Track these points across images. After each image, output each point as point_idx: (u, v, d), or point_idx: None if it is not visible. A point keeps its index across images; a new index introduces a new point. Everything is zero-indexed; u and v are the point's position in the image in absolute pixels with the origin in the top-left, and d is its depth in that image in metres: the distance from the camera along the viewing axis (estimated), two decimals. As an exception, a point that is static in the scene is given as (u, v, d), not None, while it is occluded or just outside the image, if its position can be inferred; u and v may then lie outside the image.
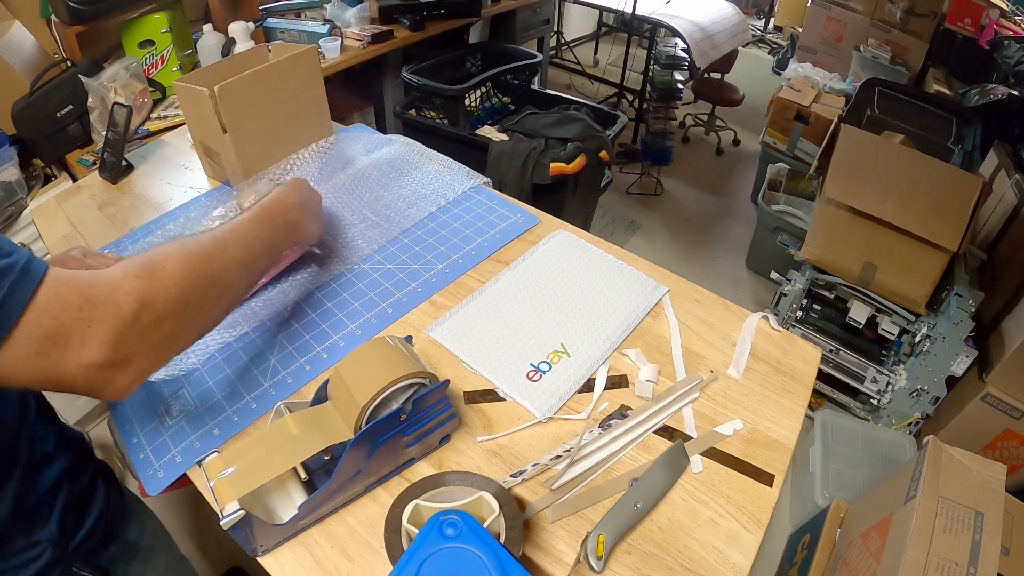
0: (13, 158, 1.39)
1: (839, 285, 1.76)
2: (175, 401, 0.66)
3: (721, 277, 2.49)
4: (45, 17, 1.58)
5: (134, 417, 0.65)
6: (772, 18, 5.02)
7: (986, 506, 0.98)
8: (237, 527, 0.48)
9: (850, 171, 1.64)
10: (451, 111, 1.96)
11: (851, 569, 1.11)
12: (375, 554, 0.53)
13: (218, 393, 0.67)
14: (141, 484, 0.60)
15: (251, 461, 0.51)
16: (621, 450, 0.62)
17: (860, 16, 2.78)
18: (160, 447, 0.62)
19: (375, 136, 1.14)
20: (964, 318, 1.51)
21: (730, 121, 3.52)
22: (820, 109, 2.45)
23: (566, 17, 4.18)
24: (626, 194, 2.97)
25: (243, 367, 0.70)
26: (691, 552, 0.54)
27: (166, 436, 0.63)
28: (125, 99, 1.51)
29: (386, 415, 0.53)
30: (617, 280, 0.82)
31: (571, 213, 1.88)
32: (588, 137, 1.78)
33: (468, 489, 0.53)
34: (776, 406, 0.67)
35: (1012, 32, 2.44)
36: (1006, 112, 2.04)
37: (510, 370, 0.69)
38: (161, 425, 0.64)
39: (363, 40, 2.10)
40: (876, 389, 1.73)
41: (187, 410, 0.65)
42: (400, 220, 0.90)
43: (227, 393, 0.67)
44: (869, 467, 1.48)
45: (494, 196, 0.97)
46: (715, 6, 3.08)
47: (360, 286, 0.80)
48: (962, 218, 1.50)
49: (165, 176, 1.07)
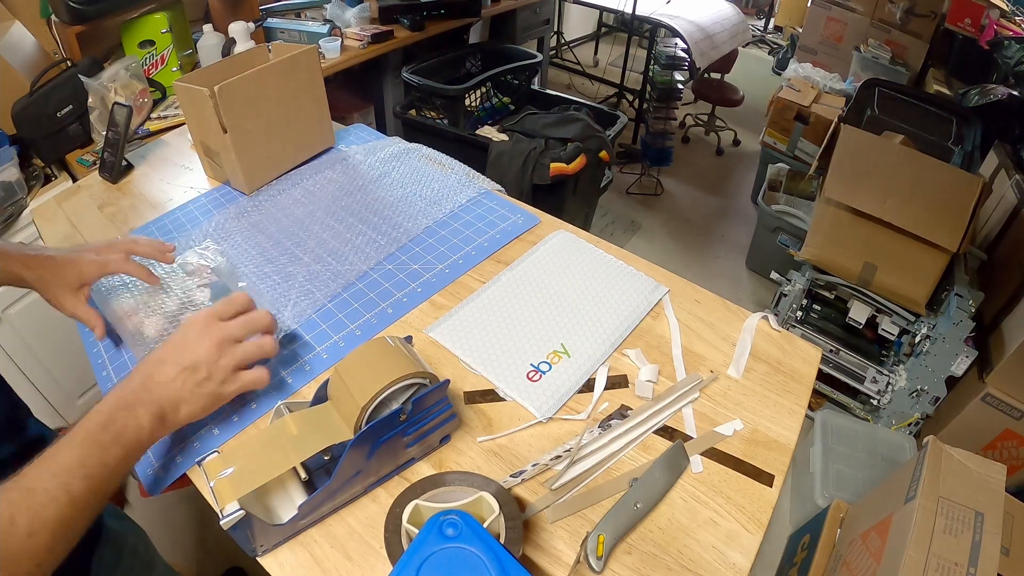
0: (13, 158, 1.39)
1: (839, 285, 1.76)
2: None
3: (721, 277, 2.49)
4: (45, 17, 1.58)
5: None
6: (772, 18, 5.03)
7: (986, 506, 0.98)
8: (237, 527, 0.48)
9: (850, 171, 1.64)
10: (451, 111, 1.96)
11: (851, 569, 1.11)
12: (375, 554, 0.53)
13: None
14: (141, 484, 0.60)
15: (251, 461, 0.51)
16: (621, 450, 0.62)
17: (860, 16, 2.78)
18: (160, 447, 0.62)
19: (379, 139, 1.14)
20: (964, 318, 1.51)
21: (730, 121, 3.52)
22: (820, 109, 2.45)
23: (566, 17, 4.18)
24: (626, 194, 2.97)
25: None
26: (691, 552, 0.54)
27: (166, 436, 0.63)
28: (125, 99, 1.52)
29: (386, 415, 0.53)
30: (617, 280, 0.82)
31: (571, 213, 1.88)
32: (588, 137, 1.78)
33: (468, 489, 0.53)
34: (776, 406, 0.67)
35: (1012, 32, 2.44)
36: (1006, 112, 2.04)
37: (510, 370, 0.69)
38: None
39: (363, 40, 2.10)
40: (876, 389, 1.73)
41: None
42: (410, 226, 0.90)
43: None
44: (869, 467, 1.48)
45: (494, 196, 0.97)
46: (715, 6, 3.08)
47: (360, 287, 0.80)
48: (962, 218, 1.50)
49: (165, 176, 1.07)
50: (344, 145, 1.11)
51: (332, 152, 1.09)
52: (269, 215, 0.94)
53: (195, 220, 0.94)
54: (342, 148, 1.10)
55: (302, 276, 0.82)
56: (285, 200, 0.97)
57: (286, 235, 0.89)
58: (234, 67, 0.92)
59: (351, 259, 0.84)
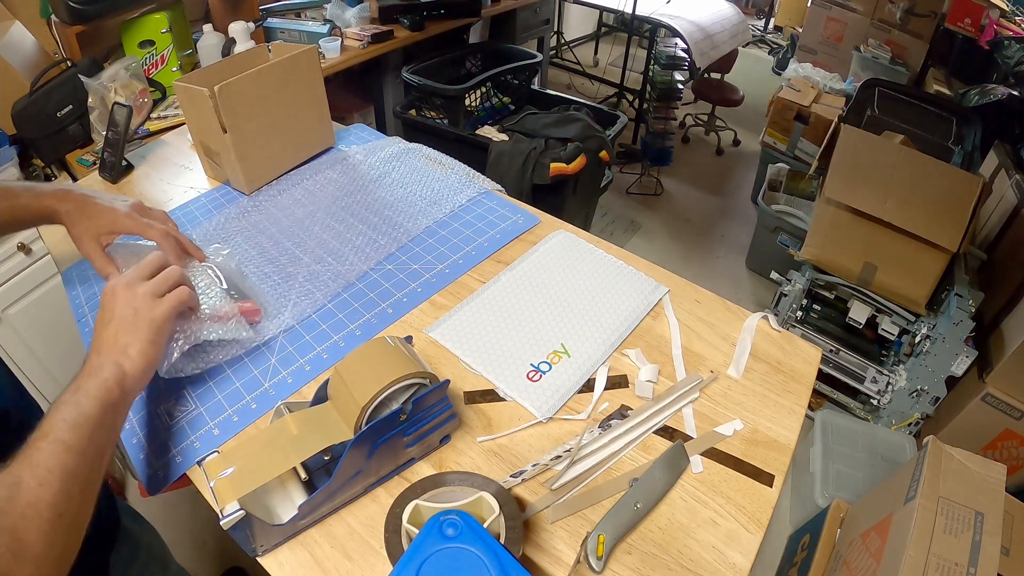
0: (13, 158, 1.39)
1: (839, 285, 1.76)
2: (175, 402, 0.66)
3: (721, 277, 2.49)
4: (45, 17, 1.58)
5: (135, 417, 0.65)
6: (772, 18, 5.03)
7: (986, 506, 0.98)
8: (237, 527, 0.48)
9: (850, 171, 1.64)
10: (451, 111, 1.96)
11: (851, 569, 1.11)
12: (375, 554, 0.53)
13: (218, 393, 0.67)
14: (141, 484, 0.60)
15: (251, 461, 0.51)
16: (621, 450, 0.62)
17: (860, 16, 2.78)
18: (160, 447, 0.62)
19: (380, 139, 1.14)
20: (964, 318, 1.51)
21: (730, 121, 3.52)
22: (820, 109, 2.45)
23: (566, 17, 4.18)
24: (626, 194, 2.97)
25: (243, 367, 0.70)
26: (691, 552, 0.54)
27: (166, 436, 0.63)
28: (125, 99, 1.52)
29: (386, 415, 0.53)
30: (617, 280, 0.82)
31: (571, 213, 1.88)
32: (588, 137, 1.78)
33: (468, 489, 0.53)
34: (776, 406, 0.67)
35: (1012, 32, 2.44)
36: (1006, 112, 2.04)
37: (510, 370, 0.69)
38: (161, 425, 0.64)
39: (363, 40, 2.10)
40: (876, 389, 1.73)
41: (187, 411, 0.65)
42: (410, 226, 0.90)
43: (227, 393, 0.67)
44: (869, 467, 1.48)
45: (494, 196, 0.97)
46: (715, 6, 3.08)
47: (360, 286, 0.80)
48: (962, 218, 1.50)
49: (165, 176, 1.07)
50: (344, 145, 1.11)
51: (332, 152, 1.09)
52: (269, 215, 0.94)
53: (195, 220, 0.94)
54: (342, 148, 1.10)
55: (302, 276, 0.82)
56: (285, 200, 0.97)
57: (286, 235, 0.89)
58: (234, 67, 0.92)
59: (351, 259, 0.84)
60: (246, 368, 0.69)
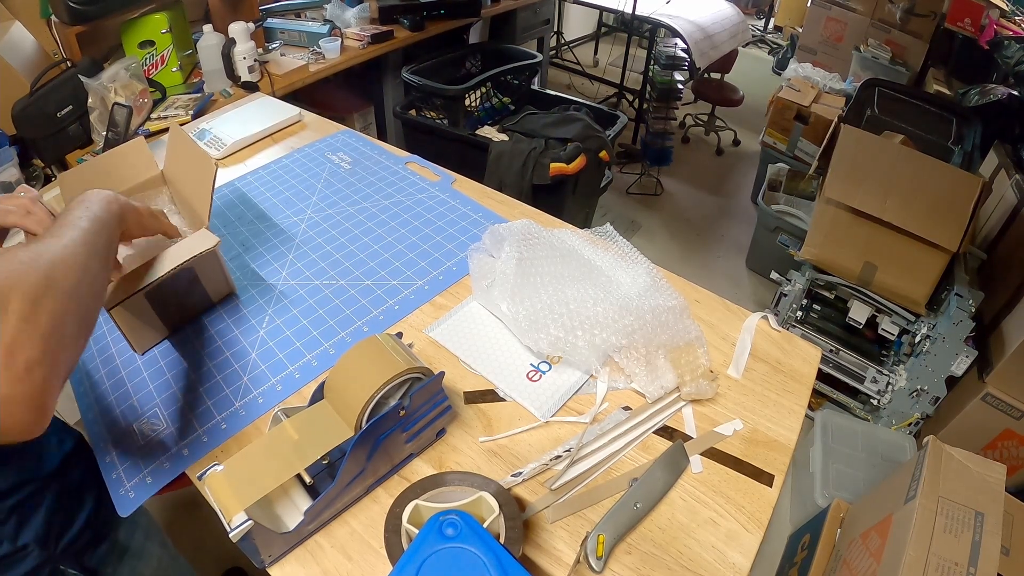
0: (13, 158, 1.39)
1: (839, 285, 1.76)
2: (164, 408, 0.66)
3: (721, 277, 2.49)
4: (45, 17, 1.58)
5: (122, 420, 0.65)
6: (772, 18, 5.02)
7: (986, 506, 0.98)
8: (245, 538, 0.48)
9: (850, 171, 1.64)
10: (451, 111, 1.96)
11: (851, 569, 1.11)
12: (375, 554, 0.53)
13: (207, 400, 0.66)
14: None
15: (254, 471, 0.50)
16: (621, 450, 0.62)
17: (860, 16, 2.78)
18: (152, 452, 0.62)
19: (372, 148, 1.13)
20: (964, 318, 1.51)
21: (730, 121, 3.52)
22: (820, 109, 2.45)
23: (566, 17, 4.18)
24: (626, 194, 2.97)
25: (232, 374, 0.69)
26: (691, 552, 0.54)
27: (154, 442, 0.62)
28: (125, 99, 1.51)
29: (387, 411, 0.53)
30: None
31: (571, 213, 1.88)
32: (588, 137, 1.78)
33: (468, 489, 0.53)
34: (776, 406, 0.67)
35: (1012, 32, 2.44)
36: (1006, 112, 2.04)
37: (510, 370, 0.69)
38: (151, 431, 0.64)
39: (363, 40, 2.10)
40: (876, 389, 1.73)
41: (175, 417, 0.65)
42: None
43: (216, 400, 0.66)
44: (869, 467, 1.48)
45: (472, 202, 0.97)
46: (715, 6, 3.08)
47: (352, 293, 0.80)
48: (962, 218, 1.50)
49: (165, 176, 1.06)
50: (331, 152, 1.10)
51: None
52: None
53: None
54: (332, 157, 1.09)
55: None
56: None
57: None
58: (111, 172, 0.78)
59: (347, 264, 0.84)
60: (236, 375, 0.69)
